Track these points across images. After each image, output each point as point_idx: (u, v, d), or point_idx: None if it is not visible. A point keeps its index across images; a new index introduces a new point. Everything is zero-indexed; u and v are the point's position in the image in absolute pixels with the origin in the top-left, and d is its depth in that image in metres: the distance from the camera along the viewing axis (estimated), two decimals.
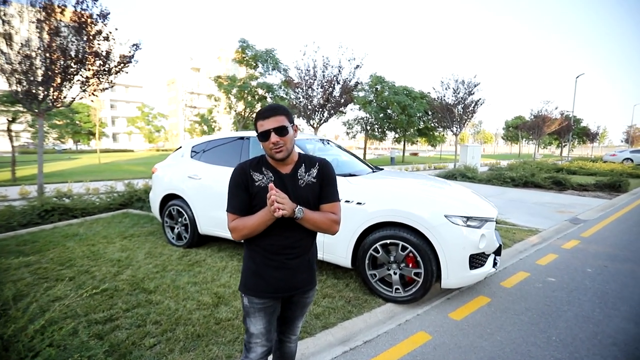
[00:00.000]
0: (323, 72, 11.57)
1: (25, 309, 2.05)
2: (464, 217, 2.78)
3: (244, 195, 1.34)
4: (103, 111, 50.33)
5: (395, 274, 2.90)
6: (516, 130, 41.25)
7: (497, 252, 3.10)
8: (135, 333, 2.32)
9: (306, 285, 1.47)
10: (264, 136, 1.29)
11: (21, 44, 5.59)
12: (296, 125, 1.40)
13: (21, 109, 10.20)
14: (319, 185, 1.40)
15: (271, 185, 1.23)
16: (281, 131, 1.29)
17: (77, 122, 36.40)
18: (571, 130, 28.46)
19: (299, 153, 1.46)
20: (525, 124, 28.23)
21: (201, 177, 3.96)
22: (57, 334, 1.93)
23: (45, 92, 5.76)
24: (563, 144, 36.17)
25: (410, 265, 2.84)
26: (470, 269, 2.76)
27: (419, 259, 2.77)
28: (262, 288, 1.38)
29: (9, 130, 11.02)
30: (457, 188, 3.58)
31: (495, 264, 3.04)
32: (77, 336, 2.17)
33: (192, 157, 4.30)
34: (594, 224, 5.85)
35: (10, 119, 10.85)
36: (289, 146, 1.32)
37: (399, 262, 2.87)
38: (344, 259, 3.11)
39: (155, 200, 4.49)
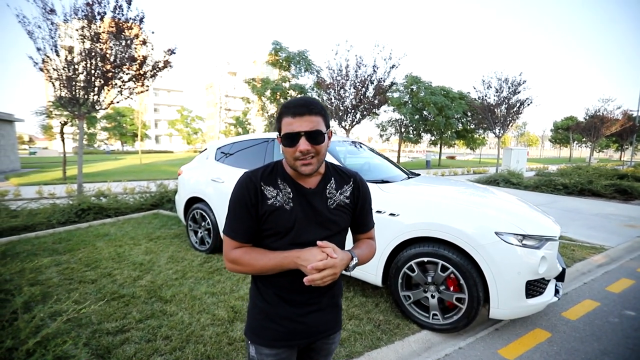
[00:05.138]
0: (356, 71, 11.21)
1: (31, 319, 1.95)
2: (520, 235, 2.32)
3: (250, 217, 1.01)
4: (147, 114, 53.82)
5: (433, 297, 2.51)
6: (566, 132, 37.91)
7: (560, 278, 2.58)
8: (143, 349, 2.16)
9: (330, 329, 1.14)
10: (289, 139, 0.94)
11: (67, 51, 5.89)
12: (331, 130, 1.04)
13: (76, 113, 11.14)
14: (352, 209, 1.11)
15: (322, 243, 0.94)
16: (315, 137, 0.94)
17: (124, 125, 39.16)
18: (635, 131, 25.42)
19: (327, 162, 1.11)
20: (579, 125, 25.74)
21: (224, 181, 3.81)
22: (59, 349, 1.80)
23: (86, 96, 6.01)
24: (624, 147, 32.55)
25: (452, 289, 2.43)
26: (527, 297, 2.30)
27: (462, 282, 2.35)
28: (274, 335, 1.06)
29: (61, 133, 11.90)
30: (506, 197, 3.09)
31: (557, 291, 2.53)
32: (82, 349, 2.04)
33: (217, 159, 4.18)
34: None
35: (62, 123, 11.71)
36: (320, 158, 0.98)
37: (438, 284, 2.47)
38: (374, 277, 2.76)
39: (180, 203, 4.43)
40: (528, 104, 14.87)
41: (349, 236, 1.19)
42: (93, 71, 5.96)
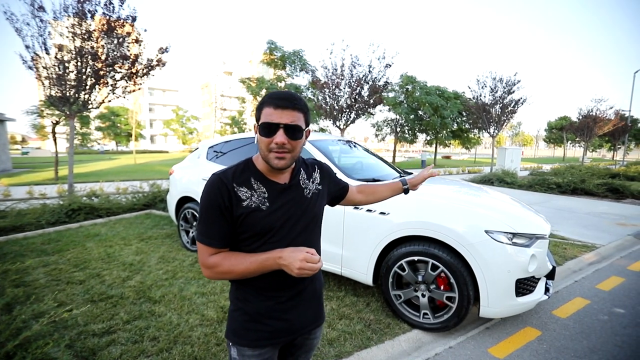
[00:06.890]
0: (351, 71, 11.20)
1: (12, 320, 1.91)
2: (509, 233, 2.31)
3: (225, 222, 0.96)
4: (142, 114, 53.42)
5: (423, 296, 2.50)
6: (560, 131, 38.28)
7: (550, 276, 2.59)
8: (129, 350, 2.12)
9: (312, 324, 1.13)
10: (267, 129, 0.92)
11: (56, 49, 5.80)
12: (309, 129, 1.04)
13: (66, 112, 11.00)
14: (325, 192, 1.17)
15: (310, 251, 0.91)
16: (293, 131, 0.93)
17: (118, 124, 38.83)
18: (627, 131, 25.72)
19: None
20: (572, 125, 25.99)
21: None
22: (40, 351, 1.76)
23: (76, 95, 5.93)
24: (617, 147, 32.92)
25: (442, 288, 2.42)
26: (517, 296, 2.30)
27: (452, 280, 2.34)
28: (258, 336, 1.04)
29: (53, 132, 11.75)
30: (499, 197, 3.09)
31: (547, 290, 2.54)
32: (64, 352, 1.99)
33: (208, 158, 4.14)
34: None
35: (54, 122, 11.56)
36: (295, 154, 0.98)
37: (429, 282, 2.46)
38: (364, 276, 2.75)
39: (171, 203, 4.38)
40: (522, 103, 14.98)
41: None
42: (84, 69, 5.88)
